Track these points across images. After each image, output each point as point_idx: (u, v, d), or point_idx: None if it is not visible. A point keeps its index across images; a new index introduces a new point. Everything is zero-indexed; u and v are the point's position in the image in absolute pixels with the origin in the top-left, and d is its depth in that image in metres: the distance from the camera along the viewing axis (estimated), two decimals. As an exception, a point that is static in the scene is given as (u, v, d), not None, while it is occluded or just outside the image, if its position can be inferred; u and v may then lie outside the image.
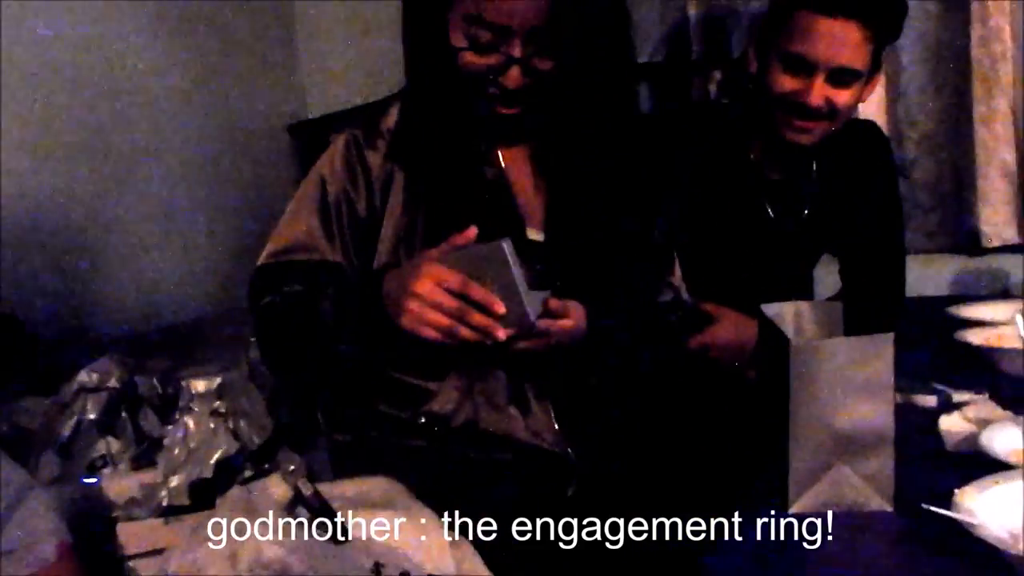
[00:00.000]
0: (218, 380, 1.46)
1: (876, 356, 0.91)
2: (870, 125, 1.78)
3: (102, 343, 1.94)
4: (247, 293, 1.29)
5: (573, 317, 1.17)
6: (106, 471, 1.31)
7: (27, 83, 2.14)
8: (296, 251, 1.25)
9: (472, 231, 1.11)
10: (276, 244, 1.27)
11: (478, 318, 1.07)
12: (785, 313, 1.08)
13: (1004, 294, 2.44)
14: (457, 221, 1.19)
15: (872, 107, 2.30)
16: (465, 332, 1.08)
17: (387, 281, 1.14)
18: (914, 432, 1.14)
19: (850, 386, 0.92)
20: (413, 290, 1.08)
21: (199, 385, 1.44)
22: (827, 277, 1.83)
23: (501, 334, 1.08)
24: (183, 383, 1.45)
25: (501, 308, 1.07)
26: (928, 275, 2.07)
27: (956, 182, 2.57)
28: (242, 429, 1.29)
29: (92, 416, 1.32)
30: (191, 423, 1.27)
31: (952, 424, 1.12)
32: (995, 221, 2.52)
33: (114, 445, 1.32)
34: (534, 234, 1.27)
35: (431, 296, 1.07)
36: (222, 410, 1.32)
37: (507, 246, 1.07)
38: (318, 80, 3.09)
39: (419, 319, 1.08)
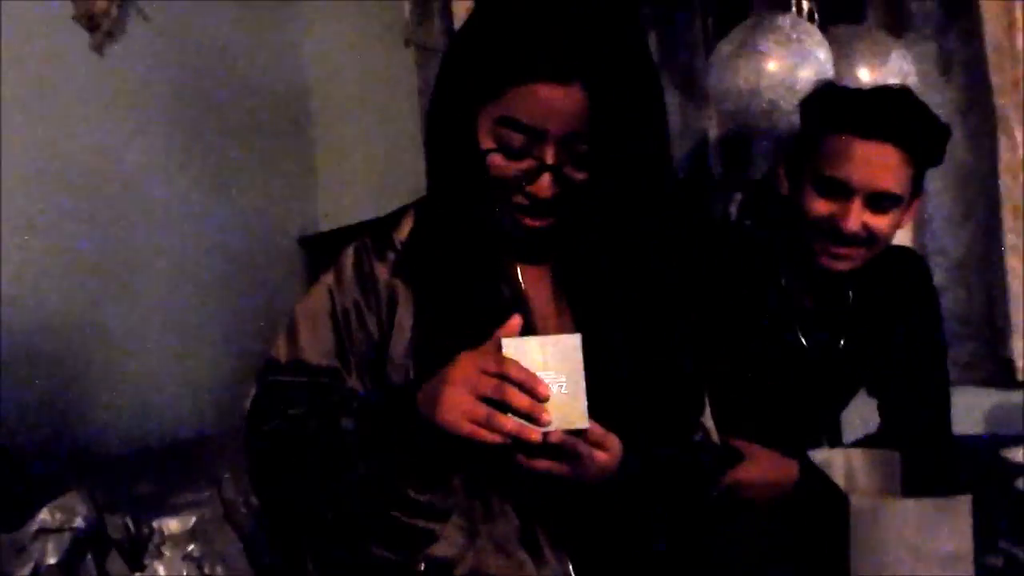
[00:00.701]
0: (192, 520, 1.34)
1: (952, 521, 0.80)
2: (908, 252, 1.70)
3: (88, 465, 1.83)
4: (246, 416, 1.18)
5: (611, 450, 1.06)
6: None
7: (28, 187, 2.09)
8: (301, 371, 1.15)
9: (516, 321, 1.03)
10: (278, 363, 1.17)
11: (518, 399, 0.98)
12: (834, 460, 0.96)
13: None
14: (471, 342, 1.10)
15: (899, 234, 2.24)
16: (504, 421, 0.98)
17: (423, 390, 1.05)
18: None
19: (922, 554, 0.80)
20: (450, 378, 1.01)
21: (172, 525, 1.32)
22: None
23: (546, 417, 0.98)
24: (154, 523, 1.33)
25: (545, 389, 0.99)
26: (961, 409, 1.96)
27: (988, 312, 2.49)
28: None
29: (52, 560, 1.19)
30: (162, 570, 1.14)
31: (1031, 595, 0.99)
32: (1030, 354, 2.43)
33: (78, 598, 1.19)
34: None
35: (468, 381, 1.00)
36: (196, 554, 1.19)
37: (580, 340, 1.01)
38: (332, 193, 3.07)
39: (457, 408, 0.99)
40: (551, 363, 1.00)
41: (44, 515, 1.25)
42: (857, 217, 1.41)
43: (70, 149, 2.19)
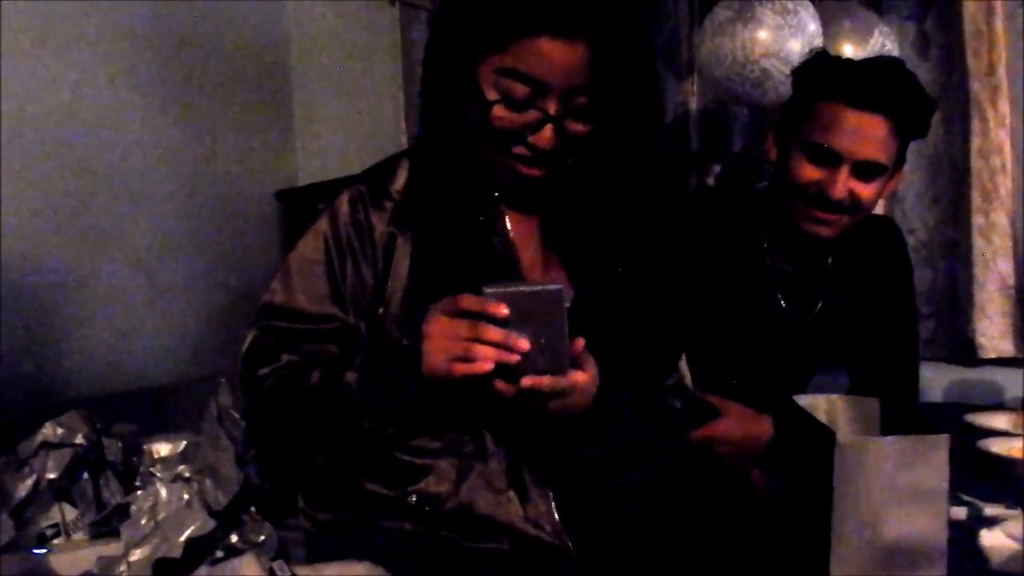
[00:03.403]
0: (183, 443, 1.36)
1: (930, 459, 0.84)
2: (887, 221, 1.74)
3: (68, 404, 1.84)
4: (243, 358, 1.18)
5: (589, 371, 1.08)
6: (57, 541, 1.18)
7: (9, 134, 2.07)
8: (295, 315, 1.17)
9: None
10: (273, 306, 1.18)
11: (489, 332, 1.00)
12: (818, 406, 1.00)
13: (999, 406, 2.41)
14: (461, 291, 1.13)
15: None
16: (481, 349, 1.00)
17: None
18: (948, 546, 1.06)
19: (901, 491, 0.84)
20: (425, 333, 1.03)
21: (162, 449, 1.34)
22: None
23: (523, 344, 1.00)
24: (144, 447, 1.35)
25: (499, 309, 1.00)
26: (921, 384, 2.04)
27: (952, 292, 2.56)
28: (207, 489, 1.19)
29: (52, 475, 1.20)
30: (163, 491, 1.16)
31: (995, 540, 1.04)
32: (991, 333, 2.50)
33: (68, 513, 1.20)
34: None
35: (440, 328, 1.03)
36: (187, 474, 1.22)
37: (563, 291, 1.01)
38: (310, 149, 3.06)
39: (437, 354, 1.02)
40: (534, 314, 1.01)
41: (47, 430, 1.26)
42: (843, 185, 1.44)
43: (50, 100, 2.17)
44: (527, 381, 1.01)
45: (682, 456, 1.31)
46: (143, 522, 1.13)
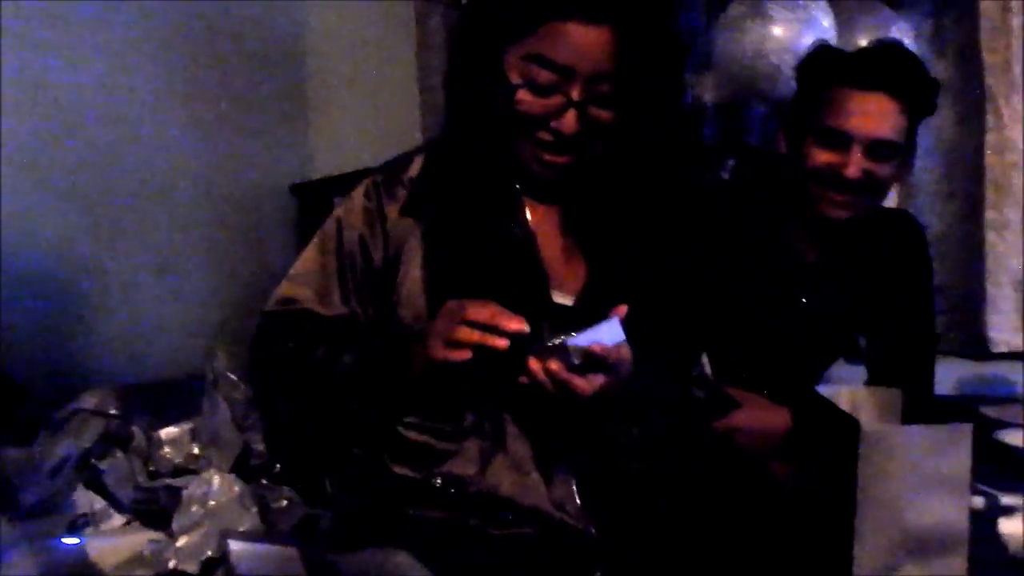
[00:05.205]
0: (189, 425, 1.40)
1: (954, 448, 0.86)
2: (905, 214, 1.76)
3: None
4: (251, 340, 1.23)
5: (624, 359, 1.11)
6: (89, 530, 1.20)
7: (27, 124, 2.10)
8: (306, 301, 1.20)
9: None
10: (286, 292, 1.22)
11: (513, 324, 1.03)
12: (839, 398, 1.02)
13: (1010, 400, 2.41)
14: (481, 279, 1.14)
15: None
16: (468, 333, 1.03)
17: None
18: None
19: (925, 479, 0.86)
20: (437, 326, 1.06)
21: (172, 431, 1.38)
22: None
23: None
24: (152, 433, 1.40)
25: (517, 324, 1.03)
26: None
27: (965, 287, 2.57)
28: (211, 456, 1.22)
29: (87, 444, 1.23)
30: (216, 480, 1.18)
31: (1014, 528, 1.06)
32: (1003, 328, 2.51)
33: (97, 502, 1.22)
34: (558, 297, 1.21)
35: (444, 319, 1.05)
36: (195, 450, 1.25)
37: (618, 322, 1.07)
38: (325, 142, 3.07)
39: (436, 336, 1.05)
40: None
41: (84, 398, 1.28)
42: (857, 165, 1.47)
43: (69, 91, 2.20)
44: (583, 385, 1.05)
45: (703, 446, 1.32)
46: (194, 509, 1.15)
